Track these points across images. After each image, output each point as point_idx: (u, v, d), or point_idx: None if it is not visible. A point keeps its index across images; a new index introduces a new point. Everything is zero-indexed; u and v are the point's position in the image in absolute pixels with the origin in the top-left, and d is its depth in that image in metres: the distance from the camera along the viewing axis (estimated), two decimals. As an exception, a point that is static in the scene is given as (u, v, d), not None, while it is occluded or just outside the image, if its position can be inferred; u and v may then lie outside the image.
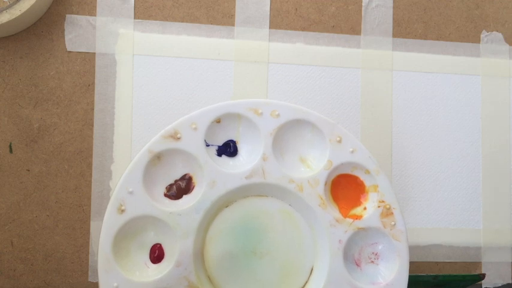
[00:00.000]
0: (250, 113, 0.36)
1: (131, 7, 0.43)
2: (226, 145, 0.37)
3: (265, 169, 0.36)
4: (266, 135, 0.36)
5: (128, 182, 0.35)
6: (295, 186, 0.36)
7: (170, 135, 0.36)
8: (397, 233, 0.37)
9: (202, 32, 0.44)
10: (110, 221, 0.35)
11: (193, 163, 0.36)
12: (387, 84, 0.46)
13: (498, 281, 0.46)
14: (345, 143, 0.37)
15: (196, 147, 0.36)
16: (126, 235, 0.35)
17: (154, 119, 0.43)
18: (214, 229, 0.37)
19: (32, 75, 0.42)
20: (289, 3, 0.45)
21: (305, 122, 0.37)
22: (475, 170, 0.47)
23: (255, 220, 0.37)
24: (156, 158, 0.36)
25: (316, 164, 0.38)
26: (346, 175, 0.38)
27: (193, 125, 0.36)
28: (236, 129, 0.37)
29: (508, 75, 0.48)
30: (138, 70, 0.43)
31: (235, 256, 0.37)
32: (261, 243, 0.37)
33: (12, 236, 0.41)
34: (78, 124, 0.42)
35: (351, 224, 0.37)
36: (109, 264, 0.34)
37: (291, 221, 0.38)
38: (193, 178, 0.37)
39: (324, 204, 0.37)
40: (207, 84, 0.43)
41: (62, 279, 0.41)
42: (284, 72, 0.44)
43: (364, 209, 0.38)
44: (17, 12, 0.39)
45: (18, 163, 0.41)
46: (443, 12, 0.47)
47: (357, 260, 0.38)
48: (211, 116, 0.36)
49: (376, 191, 0.37)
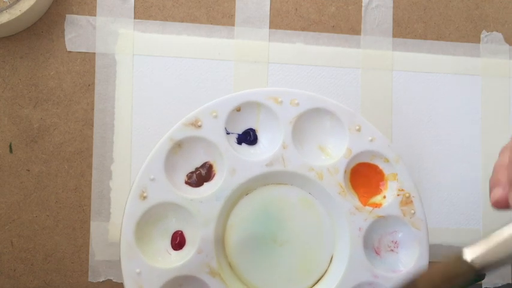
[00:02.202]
0: (270, 101, 0.37)
1: (131, 7, 0.43)
2: (246, 133, 0.38)
3: (285, 157, 0.37)
4: (286, 123, 0.37)
5: (149, 169, 0.35)
6: (314, 174, 0.37)
7: (191, 123, 0.36)
8: (416, 221, 0.37)
9: (202, 32, 0.44)
10: (132, 208, 0.35)
11: (214, 151, 0.36)
12: (387, 84, 0.46)
13: (498, 281, 0.46)
14: (364, 131, 0.37)
15: (217, 135, 0.36)
16: (148, 222, 0.36)
17: (154, 119, 0.43)
18: (235, 217, 0.37)
19: (32, 75, 0.42)
20: (289, 3, 0.45)
21: (324, 110, 0.37)
22: (475, 170, 0.47)
23: (275, 208, 0.37)
24: (177, 145, 0.36)
25: (336, 152, 0.38)
26: (365, 164, 0.38)
27: (213, 113, 0.36)
28: (256, 118, 0.38)
29: (508, 75, 0.48)
30: (138, 70, 0.43)
31: (256, 243, 0.37)
32: (281, 231, 0.37)
33: (12, 236, 0.41)
34: (78, 124, 0.42)
35: (371, 212, 0.37)
36: (131, 251, 0.35)
37: (310, 209, 0.38)
38: (213, 166, 0.37)
39: (343, 192, 0.37)
40: (207, 84, 0.43)
41: (62, 279, 0.41)
42: (284, 72, 0.44)
43: (383, 197, 0.38)
44: (17, 12, 0.39)
45: (18, 163, 0.41)
46: (443, 12, 0.47)
47: (376, 249, 0.38)
48: (231, 104, 0.36)
49: (395, 179, 0.38)
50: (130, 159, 0.42)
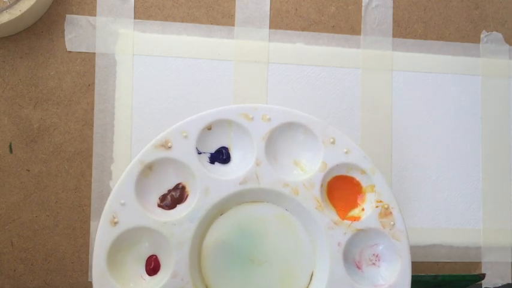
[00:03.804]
0: (241, 118, 0.36)
1: (131, 7, 0.43)
2: (218, 152, 0.37)
3: (259, 174, 0.36)
4: (258, 139, 0.36)
5: (120, 193, 0.35)
6: (290, 189, 0.36)
7: (161, 144, 0.35)
8: (396, 232, 0.36)
9: (202, 32, 0.44)
10: (103, 234, 0.34)
11: (186, 172, 0.36)
12: (387, 84, 0.46)
13: (498, 281, 0.46)
14: (339, 143, 0.36)
15: (188, 155, 0.35)
16: (120, 248, 0.35)
17: (154, 119, 0.43)
18: (210, 237, 0.36)
19: (32, 75, 0.42)
20: (289, 3, 0.45)
21: (297, 124, 0.37)
22: (475, 170, 0.47)
23: (251, 227, 0.37)
24: (148, 168, 0.35)
25: (311, 166, 0.37)
26: (342, 176, 0.37)
27: (183, 133, 0.35)
28: (228, 136, 0.37)
29: (508, 75, 0.48)
30: (138, 70, 0.43)
31: (233, 264, 0.36)
32: (259, 250, 0.37)
33: (12, 236, 0.41)
34: (78, 124, 0.42)
35: (350, 226, 0.36)
36: (104, 279, 0.34)
37: (288, 226, 0.37)
38: (186, 187, 0.36)
39: (320, 207, 0.36)
40: (207, 84, 0.43)
41: (62, 279, 0.41)
42: (284, 72, 0.44)
43: (362, 210, 0.37)
44: (17, 12, 0.39)
45: (18, 163, 0.41)
46: (443, 12, 0.47)
47: (357, 263, 0.37)
48: (201, 124, 0.36)
49: (373, 191, 0.37)
50: (130, 159, 0.42)
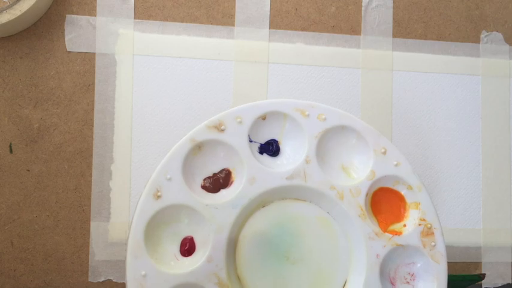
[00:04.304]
0: (296, 113, 0.36)
1: (131, 7, 0.43)
2: (268, 144, 0.37)
3: (307, 172, 0.35)
4: (311, 137, 0.36)
5: (166, 168, 0.34)
6: (336, 193, 0.35)
7: (214, 125, 0.35)
8: (437, 254, 0.36)
9: (202, 32, 0.44)
10: (145, 206, 0.34)
11: (234, 157, 0.35)
12: (387, 84, 0.46)
13: (498, 281, 0.46)
14: (390, 155, 0.36)
15: (240, 141, 0.35)
16: (159, 223, 0.34)
17: (154, 119, 0.43)
18: (249, 228, 0.36)
19: (32, 75, 0.42)
20: (289, 3, 0.45)
21: (351, 129, 0.36)
22: (475, 170, 0.47)
23: (290, 224, 0.36)
24: (197, 147, 0.35)
25: (358, 173, 0.37)
26: (387, 189, 0.37)
27: (238, 119, 0.35)
28: (280, 129, 0.36)
29: (508, 75, 0.48)
30: (138, 70, 0.43)
31: (268, 259, 0.36)
32: (295, 248, 0.36)
33: (12, 236, 0.41)
34: (78, 124, 0.42)
35: (390, 240, 0.35)
36: (139, 251, 0.33)
37: (327, 229, 0.36)
38: (232, 173, 0.36)
39: (363, 215, 0.35)
40: (207, 84, 0.43)
41: (62, 279, 0.41)
42: (284, 72, 0.44)
43: (404, 225, 0.36)
44: (17, 12, 0.39)
45: (18, 163, 0.41)
46: (443, 12, 0.47)
47: (392, 279, 0.36)
48: (257, 112, 0.35)
49: (417, 208, 0.36)
50: (130, 159, 0.42)
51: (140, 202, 0.34)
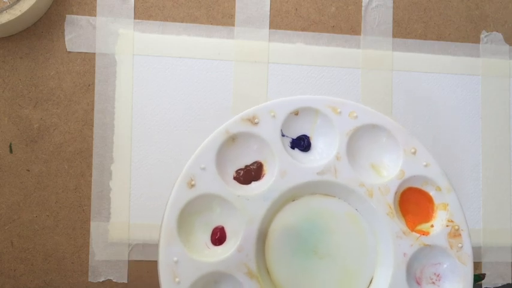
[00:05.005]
0: (328, 110, 0.36)
1: (131, 7, 0.43)
2: (299, 139, 0.37)
3: (337, 168, 0.36)
4: (342, 134, 0.36)
5: (201, 158, 0.35)
6: (365, 190, 0.36)
7: (248, 118, 0.35)
8: (463, 255, 0.36)
9: (202, 32, 0.44)
10: (178, 194, 0.34)
11: (267, 150, 0.36)
12: (387, 84, 0.46)
13: (498, 281, 0.46)
14: (420, 155, 0.36)
15: (273, 135, 0.36)
16: (191, 211, 0.35)
17: (154, 119, 0.43)
18: (279, 221, 0.36)
19: (32, 75, 0.42)
20: (289, 3, 0.45)
21: (381, 128, 0.37)
22: (475, 170, 0.47)
23: (319, 219, 0.36)
24: (231, 139, 0.36)
25: (388, 171, 0.37)
26: (415, 189, 0.37)
27: (272, 113, 0.36)
28: (312, 124, 0.37)
29: (508, 75, 0.48)
30: (138, 70, 0.43)
31: (296, 252, 0.36)
32: (323, 243, 0.36)
33: (12, 236, 0.41)
34: (78, 124, 0.42)
35: (418, 239, 0.36)
36: (172, 237, 0.34)
37: (355, 226, 0.37)
38: (264, 165, 0.36)
39: (392, 214, 0.36)
40: (207, 84, 0.43)
41: (62, 279, 0.41)
42: (284, 72, 0.44)
43: (431, 226, 0.37)
44: (17, 12, 0.39)
45: (18, 163, 0.41)
46: (443, 12, 0.47)
47: (418, 278, 0.36)
48: (291, 107, 0.36)
49: (445, 209, 0.36)
50: (130, 159, 0.42)
51: (174, 190, 0.34)
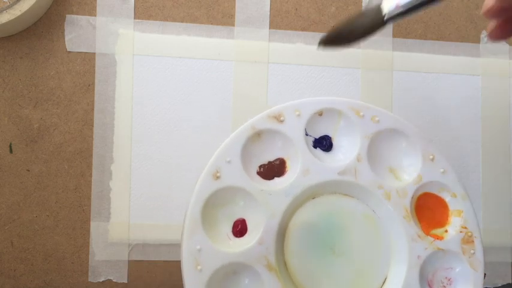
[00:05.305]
0: (352, 112, 0.37)
1: (131, 7, 0.43)
2: (322, 139, 0.38)
3: (357, 169, 0.37)
4: (363, 137, 0.37)
5: (227, 151, 0.36)
6: (383, 192, 0.37)
7: (274, 116, 0.37)
8: (475, 261, 0.37)
9: (202, 32, 0.44)
10: (203, 185, 0.35)
11: (290, 148, 0.37)
12: (387, 84, 0.46)
13: (498, 281, 0.46)
14: (437, 162, 0.37)
15: (297, 133, 0.37)
16: (215, 202, 0.36)
17: (154, 119, 0.43)
18: (299, 217, 0.37)
19: (32, 75, 0.42)
20: (289, 3, 0.45)
21: (402, 133, 0.38)
22: (475, 170, 0.47)
23: (338, 218, 0.37)
24: (257, 134, 0.37)
25: (405, 176, 0.38)
26: (431, 194, 0.38)
27: (297, 112, 0.37)
28: (335, 125, 0.38)
29: (508, 75, 0.48)
30: (138, 70, 0.43)
31: (314, 248, 0.37)
32: (340, 242, 0.37)
33: (12, 236, 0.41)
34: (78, 124, 0.42)
35: (432, 243, 0.37)
36: (196, 227, 0.35)
37: (372, 227, 0.38)
38: (286, 162, 0.37)
39: (408, 217, 0.37)
40: (207, 84, 0.43)
41: (62, 279, 0.41)
42: (284, 72, 0.44)
43: (445, 231, 0.38)
44: (17, 12, 0.39)
45: (18, 163, 0.41)
46: (443, 12, 0.47)
47: (429, 281, 0.37)
48: (315, 107, 0.37)
49: (460, 216, 0.38)
50: (130, 159, 0.42)
51: (199, 181, 0.36)
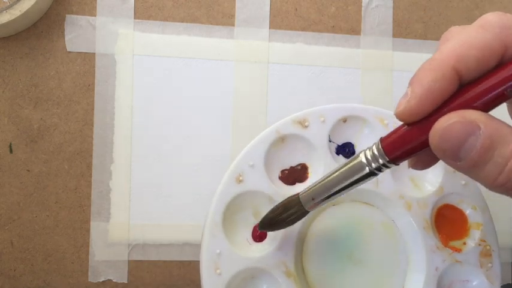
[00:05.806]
0: (376, 121, 0.37)
1: (131, 7, 0.43)
2: (344, 146, 0.38)
3: (379, 178, 0.36)
4: None
5: (250, 155, 0.36)
6: (404, 202, 0.36)
7: (299, 121, 0.36)
8: (492, 275, 0.37)
9: (202, 32, 0.44)
10: (226, 188, 0.35)
11: (313, 154, 0.37)
12: (387, 84, 0.46)
13: (498, 281, 0.46)
14: (459, 174, 0.37)
15: (321, 139, 0.36)
16: (236, 206, 0.36)
17: (154, 119, 0.43)
18: (319, 223, 0.37)
19: (32, 75, 0.42)
20: (289, 3, 0.45)
21: None
22: (475, 170, 0.46)
23: (357, 226, 0.37)
24: (281, 139, 0.36)
25: (427, 187, 0.37)
26: (451, 206, 0.37)
27: (321, 118, 0.36)
28: (358, 133, 0.37)
29: (508, 75, 0.47)
30: (138, 70, 0.43)
31: (332, 256, 0.37)
32: (358, 250, 0.37)
33: (12, 236, 0.41)
34: (78, 124, 0.42)
35: (450, 255, 0.36)
36: (217, 229, 0.35)
37: (391, 236, 0.37)
38: (308, 168, 0.37)
39: (428, 228, 0.36)
40: (207, 84, 0.43)
41: (62, 279, 0.41)
42: (284, 72, 0.44)
43: (463, 243, 0.37)
44: (17, 12, 0.39)
45: (18, 163, 0.41)
46: (443, 12, 0.47)
47: None
48: (340, 114, 0.37)
49: (479, 228, 0.37)
50: (130, 159, 0.42)
51: (222, 184, 0.35)
